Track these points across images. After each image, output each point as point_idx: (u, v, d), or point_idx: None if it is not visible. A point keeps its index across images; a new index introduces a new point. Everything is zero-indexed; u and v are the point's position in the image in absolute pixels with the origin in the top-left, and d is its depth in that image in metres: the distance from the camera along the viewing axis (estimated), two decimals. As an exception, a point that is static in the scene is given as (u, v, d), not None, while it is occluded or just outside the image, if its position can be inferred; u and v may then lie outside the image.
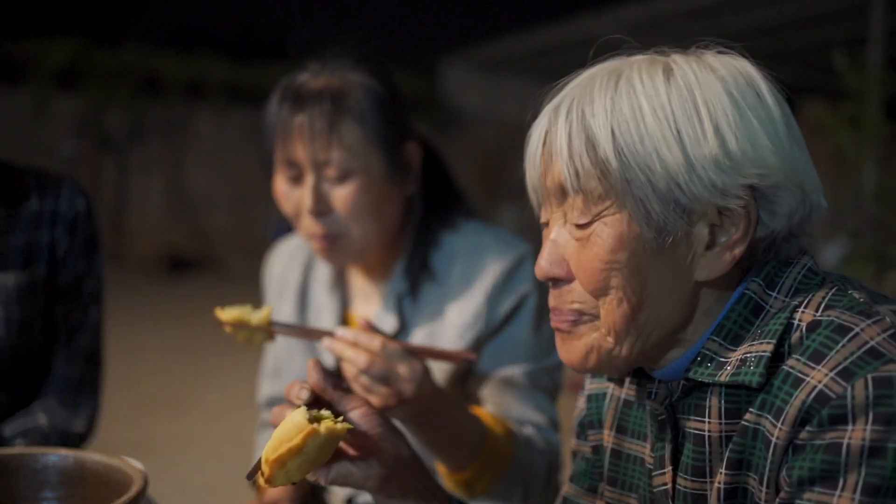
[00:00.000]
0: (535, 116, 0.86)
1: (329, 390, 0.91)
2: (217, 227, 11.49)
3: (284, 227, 1.50)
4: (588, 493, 1.04)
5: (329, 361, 1.42)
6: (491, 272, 1.33)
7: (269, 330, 1.16)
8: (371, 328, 1.13)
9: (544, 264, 0.84)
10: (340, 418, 0.85)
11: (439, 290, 1.37)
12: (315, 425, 0.82)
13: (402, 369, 1.09)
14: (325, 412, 0.85)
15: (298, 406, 0.88)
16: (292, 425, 0.82)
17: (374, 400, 1.11)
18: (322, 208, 1.28)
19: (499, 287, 1.33)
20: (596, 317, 0.81)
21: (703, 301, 0.81)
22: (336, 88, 1.28)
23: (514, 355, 1.34)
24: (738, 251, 0.79)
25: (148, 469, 1.07)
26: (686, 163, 0.76)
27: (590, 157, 0.78)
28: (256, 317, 1.14)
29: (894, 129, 4.54)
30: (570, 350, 0.84)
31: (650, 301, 0.79)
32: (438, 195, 1.43)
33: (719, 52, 0.83)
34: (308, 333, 1.18)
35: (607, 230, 0.79)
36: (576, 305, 0.82)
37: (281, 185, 1.33)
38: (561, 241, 0.83)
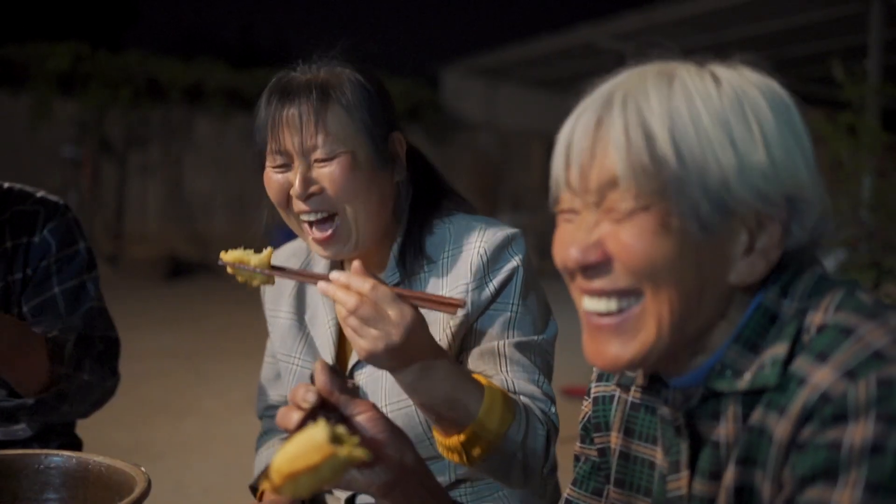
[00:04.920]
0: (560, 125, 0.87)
1: (336, 394, 0.90)
2: (216, 231, 11.50)
3: (288, 232, 1.51)
4: (592, 496, 1.05)
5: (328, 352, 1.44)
6: (478, 251, 1.35)
7: (268, 272, 1.19)
8: (364, 271, 1.12)
9: (575, 252, 0.81)
10: (357, 439, 0.84)
11: (430, 273, 1.38)
12: (336, 447, 0.81)
13: (392, 313, 1.09)
14: (341, 429, 0.84)
15: (305, 409, 0.87)
16: (311, 443, 0.81)
17: (363, 343, 1.11)
18: (311, 189, 1.32)
19: (486, 265, 1.35)
20: (641, 295, 0.80)
21: (731, 306, 0.83)
22: (323, 80, 1.35)
23: (503, 328, 1.34)
24: (773, 257, 0.81)
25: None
26: (738, 167, 0.78)
27: (648, 152, 0.78)
28: (256, 258, 1.19)
29: (892, 139, 4.56)
30: (609, 349, 0.82)
31: (694, 289, 0.80)
32: (427, 190, 1.46)
33: (748, 68, 0.85)
34: (304, 277, 1.21)
35: (653, 220, 0.78)
36: (621, 284, 0.80)
37: (270, 175, 1.37)
38: (594, 227, 0.81)
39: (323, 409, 0.89)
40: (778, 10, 8.21)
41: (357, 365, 1.41)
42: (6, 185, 1.58)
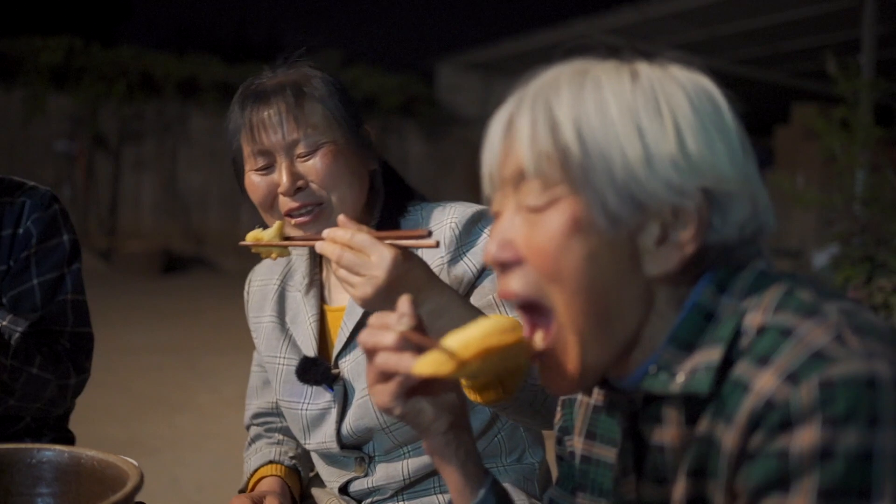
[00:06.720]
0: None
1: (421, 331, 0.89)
2: (210, 226, 11.47)
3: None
4: (573, 496, 1.05)
5: (310, 348, 1.45)
6: (450, 225, 1.38)
7: (279, 243, 1.30)
8: (347, 222, 1.18)
9: (492, 248, 0.82)
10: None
11: None
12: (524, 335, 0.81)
13: (372, 256, 1.13)
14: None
15: (399, 329, 0.86)
16: (502, 326, 0.80)
17: (353, 291, 1.15)
18: (298, 184, 1.35)
19: (459, 238, 1.37)
20: (549, 308, 0.80)
21: (658, 300, 0.81)
22: (294, 79, 1.40)
23: (493, 285, 1.37)
24: (688, 251, 0.79)
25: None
26: (645, 158, 0.77)
27: (552, 142, 0.79)
28: (268, 233, 1.31)
29: (885, 134, 4.57)
30: (557, 378, 0.83)
31: (605, 291, 0.79)
32: (396, 184, 1.50)
33: (680, 66, 0.85)
34: (308, 241, 1.29)
35: (560, 215, 0.78)
36: (530, 290, 0.81)
37: (252, 178, 1.39)
38: (510, 225, 0.82)
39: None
40: (772, 5, 8.21)
41: (340, 353, 1.43)
42: None
